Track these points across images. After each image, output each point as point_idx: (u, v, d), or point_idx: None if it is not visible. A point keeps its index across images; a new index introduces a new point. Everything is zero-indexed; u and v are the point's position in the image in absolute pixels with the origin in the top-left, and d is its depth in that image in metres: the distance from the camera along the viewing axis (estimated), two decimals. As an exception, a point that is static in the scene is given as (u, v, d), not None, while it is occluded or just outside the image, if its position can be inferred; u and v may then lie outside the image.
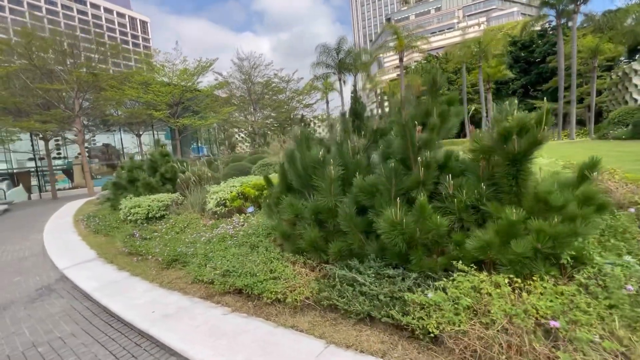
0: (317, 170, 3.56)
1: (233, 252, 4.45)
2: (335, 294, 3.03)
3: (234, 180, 6.87)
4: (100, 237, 7.67)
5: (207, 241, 5.22)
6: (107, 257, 6.04)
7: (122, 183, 9.36)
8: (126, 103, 21.67)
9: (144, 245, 5.86)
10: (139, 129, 25.66)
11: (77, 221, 9.94)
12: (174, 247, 5.24)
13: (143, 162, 9.30)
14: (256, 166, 7.52)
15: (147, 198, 7.96)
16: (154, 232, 6.48)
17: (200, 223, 6.57)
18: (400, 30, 24.46)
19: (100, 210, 10.03)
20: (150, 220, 7.61)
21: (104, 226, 8.07)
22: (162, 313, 3.56)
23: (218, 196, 6.37)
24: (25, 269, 6.39)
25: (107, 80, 17.76)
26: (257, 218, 5.80)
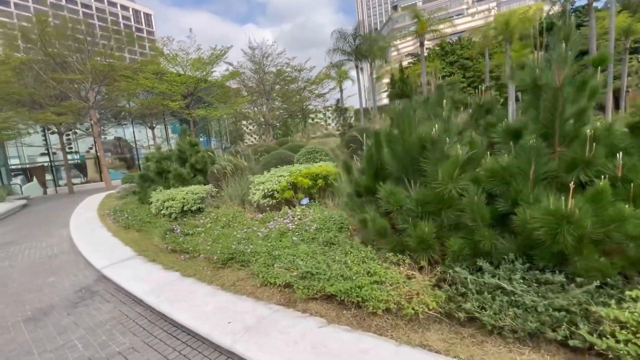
0: (426, 151, 2.91)
1: (304, 250, 3.85)
2: (474, 305, 2.41)
3: (280, 169, 6.25)
4: (133, 233, 7.14)
5: (266, 237, 4.63)
6: (147, 255, 5.50)
7: (150, 175, 8.81)
8: (139, 94, 21.10)
9: (189, 241, 5.30)
10: (152, 122, 25.11)
11: (103, 215, 9.45)
12: (226, 244, 4.66)
13: (171, 153, 8.73)
14: (300, 154, 6.89)
15: (180, 190, 7.39)
16: (196, 227, 5.91)
17: (245, 216, 5.98)
18: (421, 13, 23.37)
19: (126, 204, 9.53)
20: (185, 214, 7.05)
21: (135, 221, 7.54)
22: (241, 325, 2.97)
23: (265, 187, 5.76)
24: (58, 268, 5.90)
25: (122, 70, 17.14)
26: (314, 210, 5.19)
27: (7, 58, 14.65)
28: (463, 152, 2.62)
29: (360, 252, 3.32)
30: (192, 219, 6.78)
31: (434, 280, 2.85)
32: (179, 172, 7.80)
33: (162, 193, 7.57)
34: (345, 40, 26.34)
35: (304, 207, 5.27)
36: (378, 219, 3.10)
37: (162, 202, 7.22)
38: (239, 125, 45.53)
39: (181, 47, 19.68)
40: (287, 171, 5.97)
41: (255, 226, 5.23)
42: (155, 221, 7.20)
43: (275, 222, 5.16)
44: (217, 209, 6.54)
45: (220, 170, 7.64)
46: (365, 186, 3.36)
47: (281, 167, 6.47)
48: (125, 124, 30.00)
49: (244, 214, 6.10)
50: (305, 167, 6.04)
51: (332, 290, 2.98)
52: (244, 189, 6.89)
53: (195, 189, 7.39)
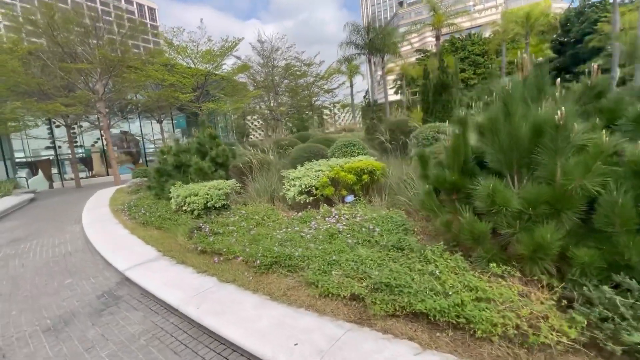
0: (543, 139, 2.36)
1: (367, 256, 3.33)
2: (632, 334, 1.87)
3: (315, 163, 5.71)
4: (152, 230, 6.65)
5: (313, 238, 4.10)
6: (174, 256, 4.99)
7: (167, 169, 8.30)
8: (147, 87, 20.56)
9: (221, 241, 4.79)
10: (160, 115, 24.58)
11: (117, 211, 8.96)
12: (268, 246, 4.14)
13: (190, 146, 8.20)
14: (335, 147, 6.35)
15: (202, 185, 6.88)
16: (226, 225, 5.39)
17: (279, 215, 5.46)
18: (439, 5, 22.64)
19: (140, 200, 9.04)
20: (209, 211, 6.54)
21: (154, 217, 7.04)
22: (312, 348, 2.46)
23: (302, 182, 5.23)
24: (74, 269, 5.41)
25: (132, 60, 16.58)
26: (361, 209, 4.65)
27: (15, 46, 14.11)
28: (608, 140, 2.07)
29: (447, 262, 2.79)
30: (217, 216, 6.27)
31: (555, 300, 2.31)
32: (200, 166, 7.28)
33: (183, 188, 7.06)
34: (359, 34, 25.66)
35: (349, 205, 4.73)
36: (476, 222, 2.56)
37: (183, 197, 6.70)
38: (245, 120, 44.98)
39: (191, 39, 19.09)
40: (326, 165, 5.43)
41: (296, 226, 4.71)
42: (176, 218, 6.70)
43: (317, 221, 4.63)
44: (245, 206, 6.02)
45: (245, 164, 7.12)
46: (450, 182, 2.82)
47: (316, 161, 5.93)
48: (131, 117, 29.52)
49: (277, 212, 5.57)
50: (344, 161, 5.50)
51: (423, 307, 2.45)
52: (273, 184, 6.37)
53: (219, 184, 6.87)
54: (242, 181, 7.43)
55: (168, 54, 19.05)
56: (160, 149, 9.17)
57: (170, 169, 8.20)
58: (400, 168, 5.40)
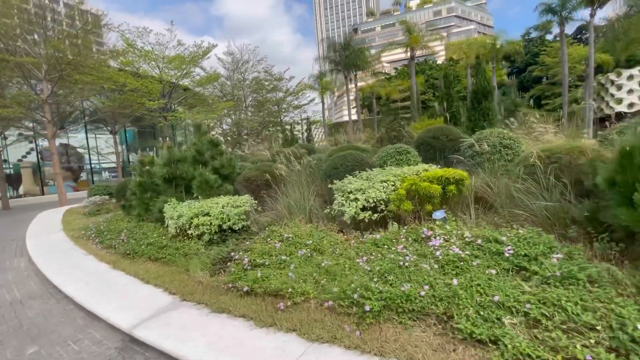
0: None
1: (538, 292, 2.36)
2: None
3: (382, 172, 4.63)
4: (146, 263, 4.98)
5: (419, 268, 3.03)
6: (200, 300, 3.55)
7: (155, 183, 6.61)
8: (102, 92, 17.95)
9: (274, 277, 3.47)
10: (114, 126, 21.55)
11: (79, 238, 6.92)
12: (361, 282, 2.97)
13: (184, 154, 6.64)
14: (385, 154, 5.41)
15: (213, 202, 5.43)
16: (267, 254, 4.05)
17: (337, 238, 4.27)
18: (413, 27, 23.58)
19: (113, 222, 7.10)
20: (225, 235, 5.10)
21: (145, 246, 5.36)
22: None
23: (367, 196, 4.15)
24: (37, 328, 3.63)
25: (87, 58, 14.19)
26: (456, 227, 3.69)
27: None
28: None
29: None
30: (238, 241, 4.87)
31: None
32: (206, 179, 5.79)
33: (186, 206, 5.53)
34: (335, 50, 25.60)
35: (439, 222, 3.75)
36: None
37: (188, 218, 5.18)
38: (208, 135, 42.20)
39: (159, 41, 17.14)
40: (391, 175, 4.43)
41: (372, 251, 3.59)
42: (178, 246, 5.12)
43: (405, 245, 3.57)
44: (281, 227, 4.72)
45: (255, 177, 5.83)
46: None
47: (370, 171, 4.90)
48: (74, 129, 25.73)
49: (331, 234, 4.38)
50: (402, 170, 4.55)
51: None
52: (309, 199, 5.18)
53: (235, 200, 5.47)
54: (257, 197, 6.09)
55: (129, 57, 16.82)
56: (140, 160, 7.43)
57: (159, 182, 6.54)
58: (470, 179, 4.60)
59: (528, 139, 5.62)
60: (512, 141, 5.00)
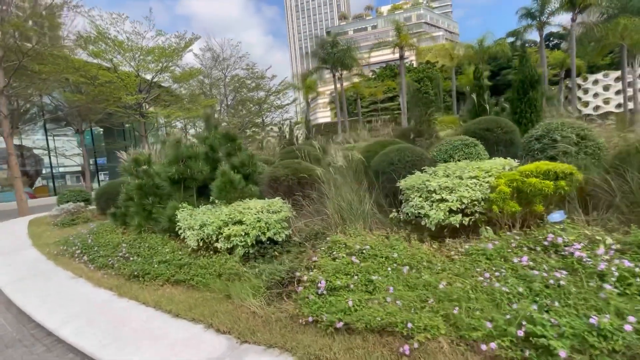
0: None
1: None
2: None
3: (467, 166, 3.83)
4: (165, 289, 3.86)
5: (583, 292, 2.29)
6: (273, 342, 2.59)
7: (159, 185, 5.42)
8: (67, 85, 15.86)
9: (375, 306, 2.59)
10: (81, 124, 19.22)
11: (58, 255, 5.54)
12: (522, 312, 2.18)
13: (193, 151, 5.50)
14: (449, 147, 4.68)
15: (242, 207, 4.41)
16: (344, 272, 3.14)
17: (422, 249, 3.44)
18: (403, 26, 23.39)
19: (102, 234, 5.77)
20: (263, 248, 4.12)
21: (157, 265, 4.22)
22: None
23: (459, 195, 3.38)
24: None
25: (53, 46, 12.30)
26: (575, 230, 3.00)
27: None
28: None
29: None
30: (279, 254, 3.92)
31: None
32: (230, 179, 4.73)
33: (208, 213, 4.46)
34: (324, 48, 24.81)
35: (555, 224, 3.05)
36: None
37: (215, 228, 4.13)
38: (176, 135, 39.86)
39: (135, 30, 15.41)
40: (480, 170, 3.68)
41: (499, 266, 2.80)
42: (203, 263, 4.05)
43: (530, 255, 2.83)
44: (343, 236, 3.81)
45: (284, 176, 4.87)
46: None
47: (444, 165, 4.13)
48: (29, 128, 22.84)
49: (412, 244, 3.55)
50: (495, 165, 3.84)
51: None
52: (363, 201, 4.32)
53: (271, 204, 4.50)
54: (287, 200, 5.13)
55: (101, 46, 14.90)
56: (134, 158, 6.18)
57: (164, 184, 5.36)
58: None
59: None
60: (589, 132, 4.46)
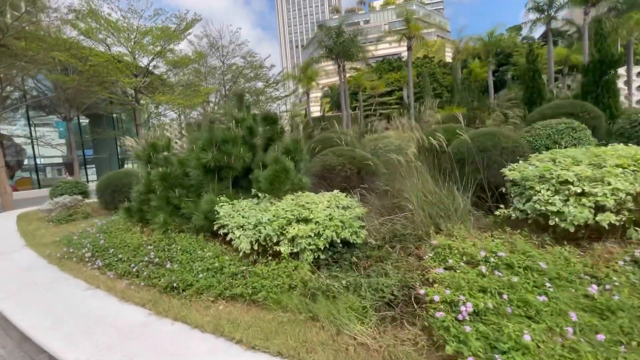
0: None
1: None
2: None
3: (572, 153, 3.10)
4: (219, 306, 2.98)
5: None
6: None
7: (191, 175, 4.48)
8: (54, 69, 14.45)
9: (552, 344, 1.81)
10: (69, 111, 17.68)
11: (62, 259, 4.55)
12: None
13: (231, 135, 4.56)
14: (553, 131, 3.92)
15: (308, 202, 3.57)
16: (481, 288, 2.34)
17: (566, 258, 2.68)
18: (412, 16, 22.53)
19: (113, 233, 4.79)
20: (336, 252, 3.29)
21: (201, 273, 3.32)
22: None
23: (613, 188, 2.63)
24: None
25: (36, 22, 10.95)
26: None
27: None
28: None
29: None
30: (357, 259, 3.11)
31: None
32: (285, 167, 3.85)
33: (259, 209, 3.60)
34: (330, 36, 23.74)
35: None
36: None
37: (277, 227, 3.27)
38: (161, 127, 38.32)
39: (132, 8, 14.05)
40: (622, 157, 2.94)
41: None
42: (263, 271, 3.18)
43: None
44: (443, 239, 3.02)
45: (340, 165, 4.03)
46: None
47: (548, 153, 3.37)
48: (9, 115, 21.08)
49: (548, 249, 2.78)
50: (627, 152, 3.12)
51: None
52: (457, 195, 3.54)
53: (338, 198, 3.66)
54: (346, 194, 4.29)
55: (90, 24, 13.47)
56: (151, 143, 5.23)
57: (196, 173, 4.43)
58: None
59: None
60: None
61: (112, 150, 28.72)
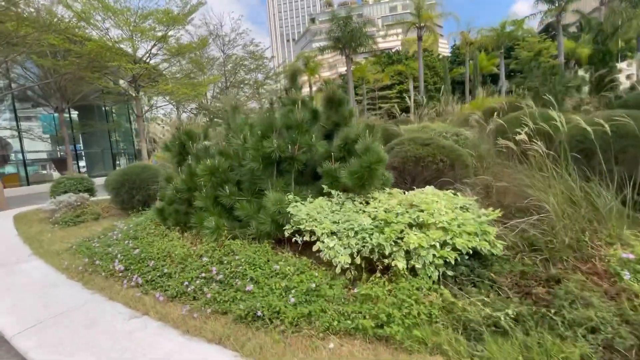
0: None
1: None
2: None
3: None
4: (329, 342, 2.19)
5: None
6: None
7: (246, 167, 3.63)
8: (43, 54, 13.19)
9: None
10: (62, 102, 16.30)
11: (83, 272, 3.67)
12: None
13: (301, 117, 3.71)
14: None
15: (422, 201, 2.79)
16: None
17: None
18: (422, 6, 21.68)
19: (145, 239, 3.93)
20: (465, 267, 2.53)
21: (293, 297, 2.52)
22: None
23: None
24: None
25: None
26: None
27: None
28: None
29: None
30: (497, 276, 2.36)
31: None
32: (380, 158, 3.03)
33: (346, 212, 2.81)
34: (338, 25, 22.73)
35: None
36: None
37: (390, 237, 2.49)
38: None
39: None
40: None
41: None
42: (379, 295, 2.40)
43: None
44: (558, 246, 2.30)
45: (426, 157, 3.24)
46: None
47: None
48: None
49: None
50: None
51: None
52: (597, 193, 2.81)
53: (455, 199, 2.90)
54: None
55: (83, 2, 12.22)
56: (186, 132, 4.38)
57: (252, 167, 3.59)
58: None
59: None
60: None
61: (104, 145, 27.18)
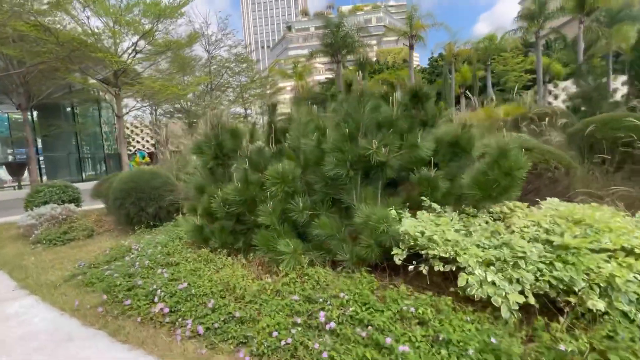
0: None
1: None
2: None
3: None
4: None
5: None
6: None
7: (328, 174, 2.84)
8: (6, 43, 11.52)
9: None
10: (27, 99, 14.20)
11: (104, 315, 2.69)
12: None
13: (390, 113, 2.99)
14: None
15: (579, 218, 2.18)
16: None
17: None
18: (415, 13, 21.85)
19: (180, 267, 3.01)
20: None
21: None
22: None
23: None
24: None
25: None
26: None
27: None
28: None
29: None
30: None
31: None
32: (518, 163, 2.39)
33: (481, 231, 2.14)
34: (330, 30, 22.32)
35: None
36: None
37: (583, 269, 1.85)
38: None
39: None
40: None
41: None
42: None
43: None
44: None
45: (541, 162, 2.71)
46: None
47: None
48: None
49: None
50: None
51: None
52: None
53: (603, 210, 2.32)
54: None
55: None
56: (231, 130, 3.54)
57: (337, 173, 2.83)
58: None
59: None
60: None
61: (70, 149, 24.62)
